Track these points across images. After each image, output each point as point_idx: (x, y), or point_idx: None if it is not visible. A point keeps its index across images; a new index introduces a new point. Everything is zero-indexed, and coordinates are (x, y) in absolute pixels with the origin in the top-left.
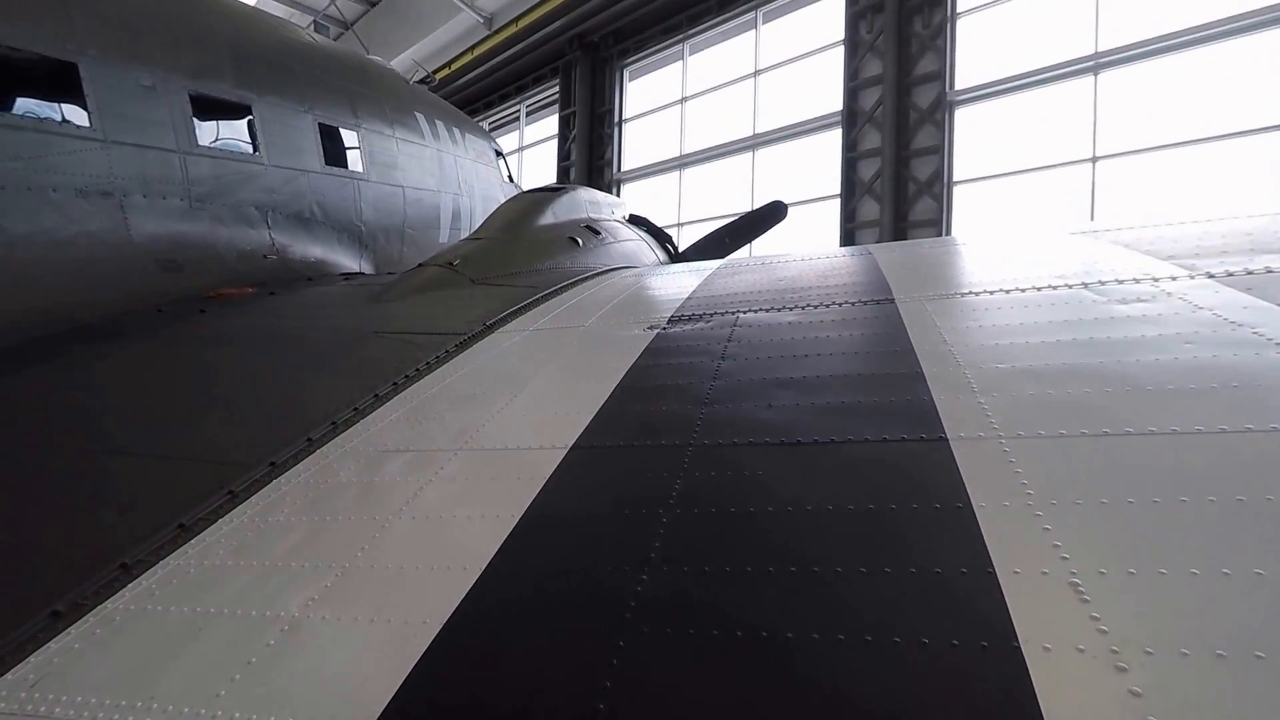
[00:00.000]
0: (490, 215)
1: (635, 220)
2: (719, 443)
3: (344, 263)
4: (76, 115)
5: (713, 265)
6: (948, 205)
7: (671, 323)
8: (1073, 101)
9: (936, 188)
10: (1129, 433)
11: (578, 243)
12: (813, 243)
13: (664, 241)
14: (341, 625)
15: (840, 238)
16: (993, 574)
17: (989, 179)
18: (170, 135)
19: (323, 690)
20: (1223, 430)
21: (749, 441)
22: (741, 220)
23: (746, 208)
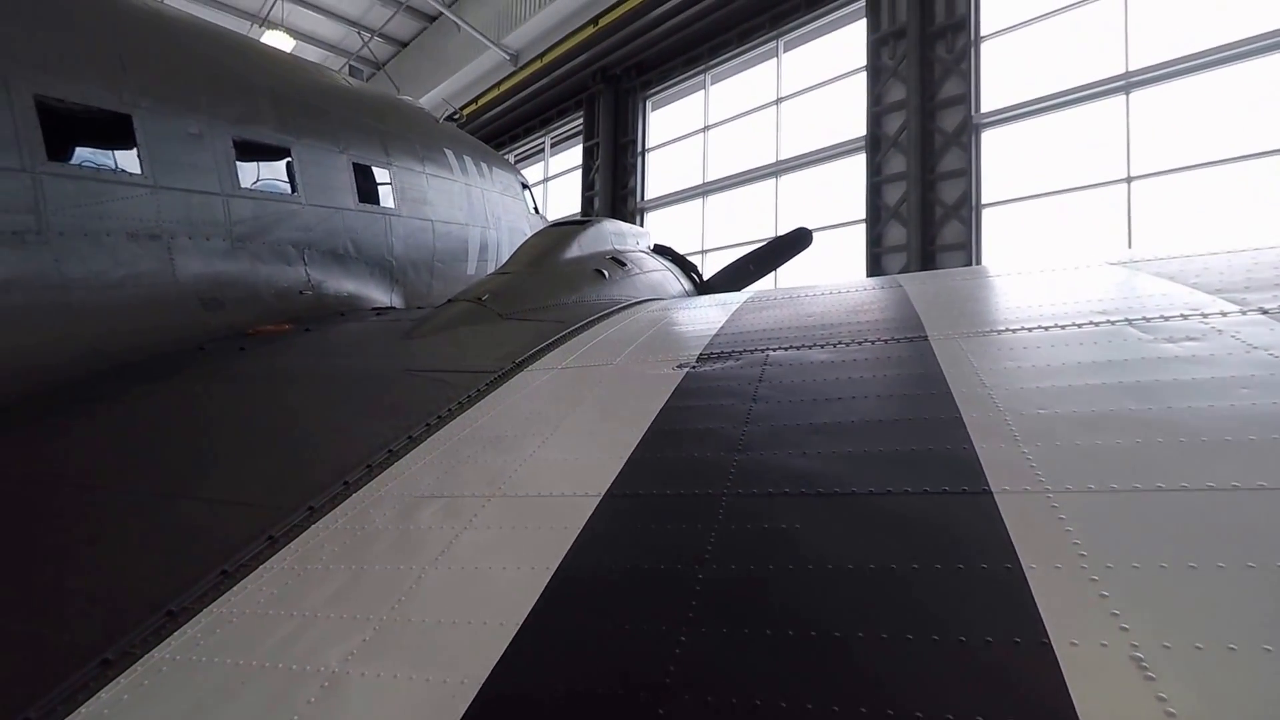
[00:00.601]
0: (517, 249)
1: (660, 250)
2: (753, 492)
3: (376, 297)
4: (129, 163)
5: (740, 298)
6: (976, 228)
7: (701, 361)
8: (1104, 121)
9: (964, 211)
10: (1185, 488)
11: (604, 275)
12: (838, 268)
13: (689, 271)
14: (381, 682)
15: (866, 263)
16: (1048, 645)
17: (1018, 201)
18: (214, 179)
19: None
20: None
21: (784, 492)
22: (766, 248)
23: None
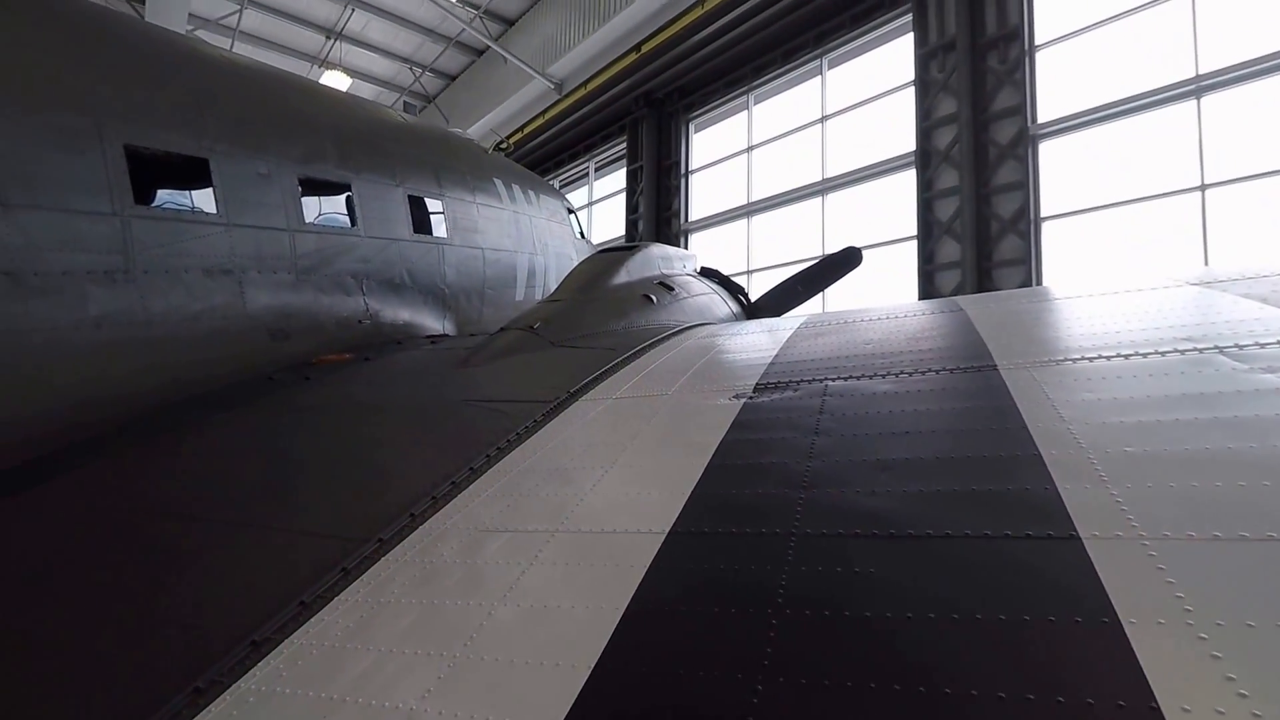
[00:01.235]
0: (567, 276)
1: (706, 273)
2: (823, 532)
3: (429, 324)
4: (206, 203)
5: (792, 324)
6: (1036, 243)
7: (758, 391)
8: (1173, 127)
9: (1022, 225)
10: None
11: (652, 300)
12: (888, 287)
13: (735, 293)
14: None
15: (919, 280)
16: (1157, 710)
17: (1081, 213)
18: (281, 215)
19: None
20: None
21: (855, 533)
22: (815, 268)
23: (817, 253)
